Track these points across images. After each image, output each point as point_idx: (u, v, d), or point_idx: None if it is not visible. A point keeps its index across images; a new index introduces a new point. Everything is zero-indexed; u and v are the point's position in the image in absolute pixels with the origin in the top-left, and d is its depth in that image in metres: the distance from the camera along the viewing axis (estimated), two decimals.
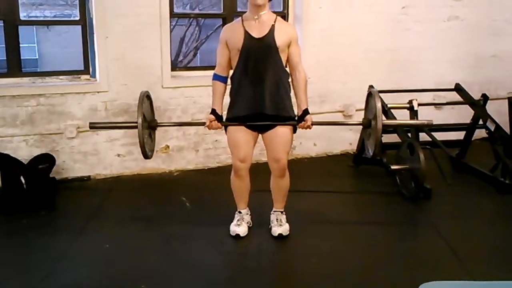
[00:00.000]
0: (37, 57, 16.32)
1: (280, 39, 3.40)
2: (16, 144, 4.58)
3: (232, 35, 3.47)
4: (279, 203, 3.72)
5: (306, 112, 3.47)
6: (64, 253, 3.50)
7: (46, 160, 4.48)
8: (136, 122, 3.43)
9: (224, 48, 3.50)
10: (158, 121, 3.74)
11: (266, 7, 3.42)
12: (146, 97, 3.59)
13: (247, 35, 3.41)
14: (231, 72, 3.56)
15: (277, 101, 3.47)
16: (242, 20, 3.46)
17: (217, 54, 3.55)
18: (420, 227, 4.08)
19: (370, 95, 3.66)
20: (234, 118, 3.53)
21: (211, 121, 3.49)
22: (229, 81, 3.57)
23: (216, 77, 3.54)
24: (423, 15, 5.63)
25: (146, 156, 3.58)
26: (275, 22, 3.43)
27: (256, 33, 3.41)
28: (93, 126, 3.89)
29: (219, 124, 3.52)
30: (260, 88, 3.43)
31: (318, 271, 3.29)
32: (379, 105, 3.47)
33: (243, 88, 3.48)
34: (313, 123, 3.49)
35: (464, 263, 3.35)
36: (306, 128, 3.49)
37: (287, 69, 3.52)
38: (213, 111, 3.50)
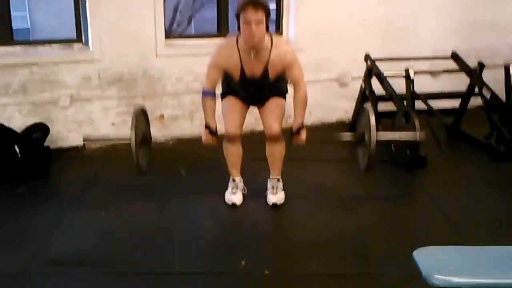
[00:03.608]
0: (29, 26, 16.13)
1: (274, 73, 3.41)
2: (10, 114, 4.54)
3: (228, 65, 3.42)
4: (275, 170, 3.73)
5: (300, 128, 3.45)
6: (60, 221, 3.51)
7: (40, 129, 4.46)
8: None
9: (219, 71, 3.45)
10: (153, 93, 3.71)
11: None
12: (141, 112, 3.54)
13: (242, 72, 3.40)
14: None
15: (270, 92, 3.58)
16: (238, 49, 3.36)
17: (208, 72, 3.46)
18: (414, 194, 4.11)
19: (363, 109, 3.58)
20: (229, 91, 3.59)
21: (206, 137, 3.47)
22: None
23: (206, 94, 3.46)
24: None
25: (140, 171, 3.53)
26: (270, 52, 3.34)
27: (251, 72, 3.40)
28: (87, 139, 4.10)
29: (215, 139, 3.49)
30: (253, 93, 3.56)
31: (313, 239, 3.32)
32: (373, 120, 3.37)
33: (234, 86, 3.56)
34: (308, 139, 3.46)
35: (458, 229, 3.39)
36: (299, 142, 3.47)
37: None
38: (207, 126, 3.47)
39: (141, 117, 3.56)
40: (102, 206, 3.72)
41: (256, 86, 3.47)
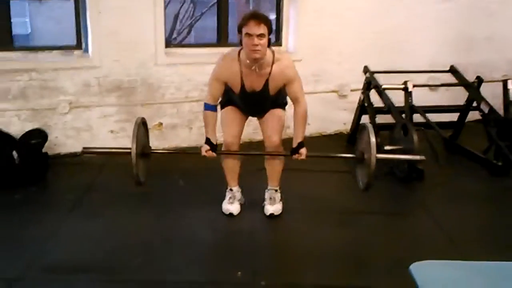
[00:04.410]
0: (29, 32, 16.14)
1: (274, 89, 3.42)
2: (8, 119, 4.54)
3: (229, 78, 3.42)
4: (273, 181, 3.73)
5: (301, 145, 3.44)
6: (57, 228, 3.50)
7: (39, 136, 4.46)
8: (130, 149, 3.35)
9: (221, 84, 3.44)
10: (151, 101, 3.70)
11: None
12: (142, 124, 3.54)
13: (242, 86, 3.41)
14: None
15: (270, 105, 3.59)
16: (240, 63, 3.36)
17: (210, 87, 3.47)
18: (411, 208, 4.10)
19: (363, 129, 3.58)
20: (228, 100, 3.59)
21: (206, 151, 3.46)
22: None
23: (208, 107, 3.46)
24: None
25: (139, 182, 3.52)
26: (272, 67, 3.35)
27: (251, 86, 3.41)
28: (86, 152, 3.93)
29: (214, 154, 3.48)
30: (253, 106, 3.58)
31: (309, 250, 3.32)
32: (373, 140, 3.35)
33: (234, 98, 3.56)
34: (308, 156, 3.46)
35: (455, 244, 3.39)
36: (299, 158, 3.46)
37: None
38: (208, 141, 3.46)
39: (142, 129, 3.56)
40: (98, 213, 3.71)
41: (255, 99, 3.48)
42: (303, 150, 3.43)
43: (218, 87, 3.45)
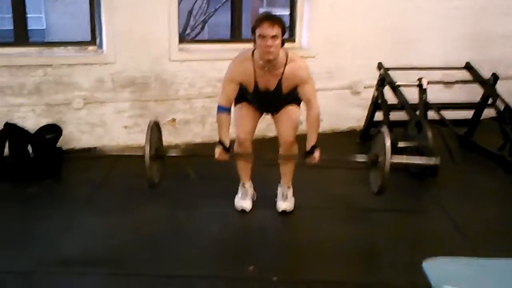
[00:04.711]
0: (44, 27, 16.28)
1: (287, 88, 3.43)
2: (24, 114, 4.59)
3: (243, 79, 3.42)
4: (286, 177, 3.72)
5: (314, 148, 3.42)
6: (70, 222, 3.53)
7: (53, 130, 4.49)
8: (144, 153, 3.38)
9: (236, 85, 3.44)
10: (165, 97, 3.70)
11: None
12: (155, 126, 3.55)
13: (256, 86, 3.42)
14: None
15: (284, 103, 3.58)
16: (253, 63, 3.37)
17: (224, 88, 3.46)
18: (425, 204, 4.08)
19: (379, 133, 3.53)
20: (242, 97, 3.58)
21: (219, 153, 3.45)
22: None
23: (221, 110, 3.45)
24: None
25: (153, 185, 3.54)
26: (284, 68, 3.35)
27: (264, 86, 3.42)
28: (101, 153, 4.20)
29: (226, 156, 3.46)
30: (267, 104, 3.59)
31: (321, 246, 3.32)
32: (388, 144, 3.33)
33: (247, 96, 3.57)
34: (320, 160, 3.43)
35: (469, 241, 3.37)
36: (312, 163, 3.45)
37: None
38: (221, 143, 3.45)
39: (156, 131, 3.57)
40: (111, 208, 3.74)
41: (269, 98, 3.49)
42: (317, 154, 3.41)
43: (232, 89, 3.44)
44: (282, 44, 3.28)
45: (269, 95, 3.46)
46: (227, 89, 3.45)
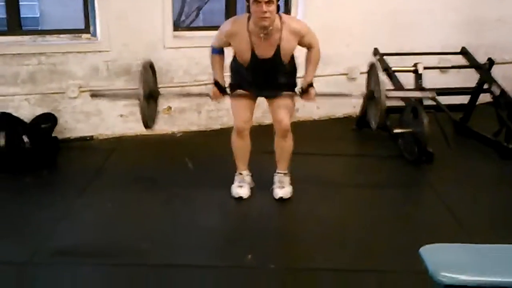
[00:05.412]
0: (38, 15, 16.15)
1: (287, 53, 3.40)
2: (18, 103, 4.56)
3: (238, 43, 3.40)
4: (282, 164, 3.72)
5: (310, 85, 3.44)
6: (66, 212, 3.52)
7: (49, 120, 4.48)
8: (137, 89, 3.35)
9: (226, 42, 3.44)
10: (160, 85, 3.69)
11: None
12: (149, 66, 3.53)
13: (253, 54, 3.37)
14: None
15: (281, 83, 3.53)
16: (249, 29, 3.33)
17: (217, 36, 3.47)
18: (421, 191, 4.10)
19: (372, 67, 3.59)
20: (237, 84, 3.57)
21: (214, 93, 3.49)
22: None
23: (215, 52, 3.48)
24: None
25: (147, 126, 3.54)
26: (281, 33, 3.31)
27: (262, 53, 3.37)
28: (95, 95, 4.00)
29: (222, 95, 3.53)
30: (264, 79, 3.49)
31: (318, 233, 3.32)
32: (381, 77, 3.39)
33: (243, 75, 3.52)
34: (317, 94, 3.46)
35: (465, 227, 3.38)
36: (309, 99, 3.48)
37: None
38: (216, 83, 3.49)
39: (149, 71, 3.56)
40: (108, 197, 3.73)
41: (267, 69, 3.44)
42: (312, 91, 3.43)
43: (225, 43, 3.45)
44: (278, 10, 3.25)
45: (267, 65, 3.41)
46: (219, 38, 3.46)
